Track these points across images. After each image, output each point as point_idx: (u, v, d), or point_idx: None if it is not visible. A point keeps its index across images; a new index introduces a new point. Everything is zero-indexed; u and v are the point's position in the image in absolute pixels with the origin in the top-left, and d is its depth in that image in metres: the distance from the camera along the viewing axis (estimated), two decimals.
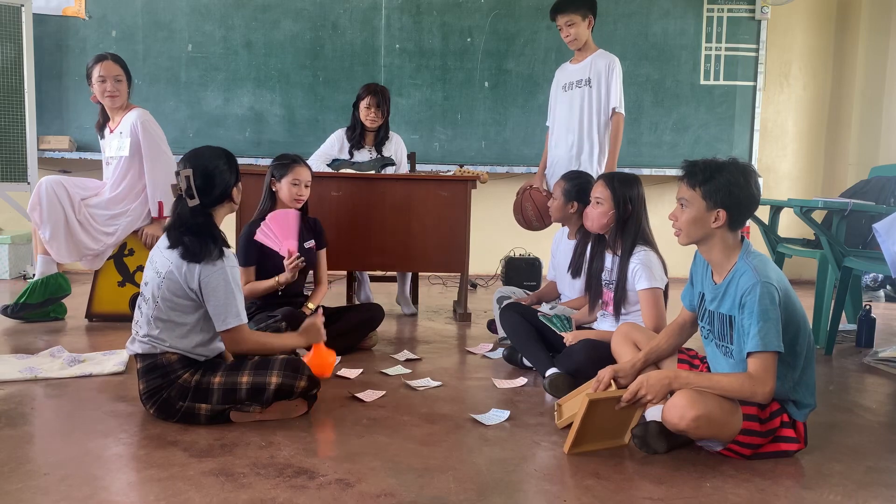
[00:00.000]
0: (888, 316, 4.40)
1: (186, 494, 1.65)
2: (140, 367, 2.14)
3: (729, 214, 1.91)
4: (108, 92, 3.44)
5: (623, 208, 2.62)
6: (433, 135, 5.34)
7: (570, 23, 3.48)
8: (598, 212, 2.66)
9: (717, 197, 1.90)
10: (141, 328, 2.14)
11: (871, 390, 2.77)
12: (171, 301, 2.10)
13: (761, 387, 1.83)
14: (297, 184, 3.01)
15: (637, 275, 2.57)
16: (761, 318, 1.83)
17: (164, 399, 2.10)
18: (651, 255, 2.60)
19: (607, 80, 3.51)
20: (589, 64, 3.56)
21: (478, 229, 3.93)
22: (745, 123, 5.52)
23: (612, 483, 1.78)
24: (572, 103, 3.59)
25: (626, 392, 1.88)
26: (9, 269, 4.86)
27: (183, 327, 2.12)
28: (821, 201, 3.46)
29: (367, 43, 5.22)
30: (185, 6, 5.09)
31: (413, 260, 3.82)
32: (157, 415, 2.13)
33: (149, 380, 2.11)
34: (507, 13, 5.31)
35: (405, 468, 1.83)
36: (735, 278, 1.92)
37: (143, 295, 2.18)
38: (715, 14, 5.45)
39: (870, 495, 1.76)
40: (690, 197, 1.95)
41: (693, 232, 1.96)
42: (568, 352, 2.57)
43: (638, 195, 2.66)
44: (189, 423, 2.09)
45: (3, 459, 1.83)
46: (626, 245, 2.62)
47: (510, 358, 2.93)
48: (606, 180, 2.67)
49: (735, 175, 1.91)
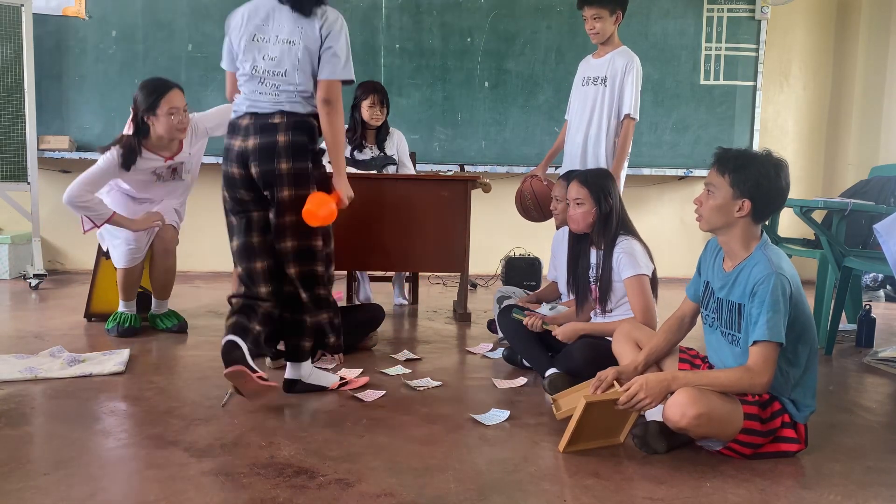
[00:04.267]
0: (888, 316, 4.40)
1: (186, 494, 1.65)
2: (286, 121, 2.34)
3: (754, 205, 1.91)
4: (179, 125, 3.15)
5: (604, 203, 2.65)
6: (433, 135, 5.34)
7: (597, 16, 3.37)
8: (581, 212, 2.67)
9: (744, 187, 1.90)
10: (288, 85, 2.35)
11: (871, 390, 2.77)
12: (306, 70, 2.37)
13: (759, 377, 1.83)
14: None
15: (621, 263, 2.59)
16: (772, 308, 1.83)
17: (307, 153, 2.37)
18: (633, 243, 2.63)
19: (622, 82, 3.40)
20: (608, 61, 3.46)
21: (478, 229, 3.93)
22: (745, 123, 5.51)
23: (612, 483, 1.78)
24: (586, 100, 3.50)
25: (624, 394, 1.88)
26: (9, 269, 4.86)
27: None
28: (821, 201, 3.47)
29: (367, 43, 5.22)
30: (185, 6, 5.09)
31: (413, 260, 3.82)
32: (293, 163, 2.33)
33: (295, 134, 2.32)
34: (507, 13, 5.30)
35: (405, 468, 1.83)
36: (748, 267, 1.92)
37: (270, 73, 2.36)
38: (715, 14, 5.45)
39: (870, 495, 1.76)
40: (718, 183, 1.93)
41: (715, 219, 1.95)
42: (566, 352, 2.57)
43: (615, 188, 2.70)
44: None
45: (3, 459, 1.83)
46: (609, 237, 2.65)
47: (510, 358, 2.93)
48: (580, 180, 2.70)
49: (766, 167, 1.90)
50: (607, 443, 2.01)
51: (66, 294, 4.34)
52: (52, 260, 5.26)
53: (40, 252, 4.62)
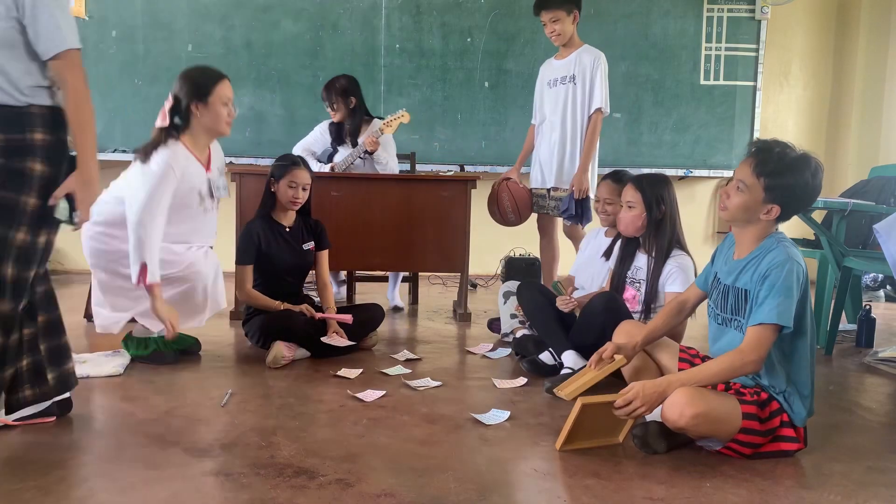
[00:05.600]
0: (888, 316, 4.40)
1: (186, 494, 1.65)
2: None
3: (782, 211, 1.90)
4: (229, 117, 2.74)
5: (656, 210, 2.65)
6: (433, 135, 5.34)
7: (555, 19, 3.48)
8: (630, 215, 2.68)
9: (777, 193, 1.86)
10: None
11: (871, 390, 2.77)
12: None
13: (749, 356, 1.83)
14: (293, 186, 3.01)
15: (672, 277, 2.61)
16: (783, 292, 1.83)
17: None
18: (688, 261, 2.65)
19: (591, 77, 3.49)
20: (574, 60, 3.54)
21: (478, 229, 3.93)
22: (745, 123, 5.52)
23: (612, 483, 1.77)
24: (557, 100, 3.59)
25: (620, 399, 1.88)
26: None
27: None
28: (821, 201, 3.46)
29: (367, 43, 5.22)
30: (185, 6, 5.09)
31: (413, 260, 3.82)
32: None
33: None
34: (507, 13, 5.31)
35: (405, 468, 1.83)
36: (761, 254, 1.92)
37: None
38: (715, 14, 5.45)
39: (870, 495, 1.76)
40: (752, 184, 1.87)
41: (739, 216, 1.94)
42: (579, 326, 2.63)
43: (669, 195, 2.67)
44: None
45: (4, 459, 1.82)
46: (662, 246, 2.65)
47: (521, 345, 2.94)
48: (636, 183, 2.69)
49: (805, 176, 1.84)
50: (606, 442, 2.01)
51: (66, 294, 4.34)
52: (51, 260, 5.24)
53: None
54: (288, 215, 3.11)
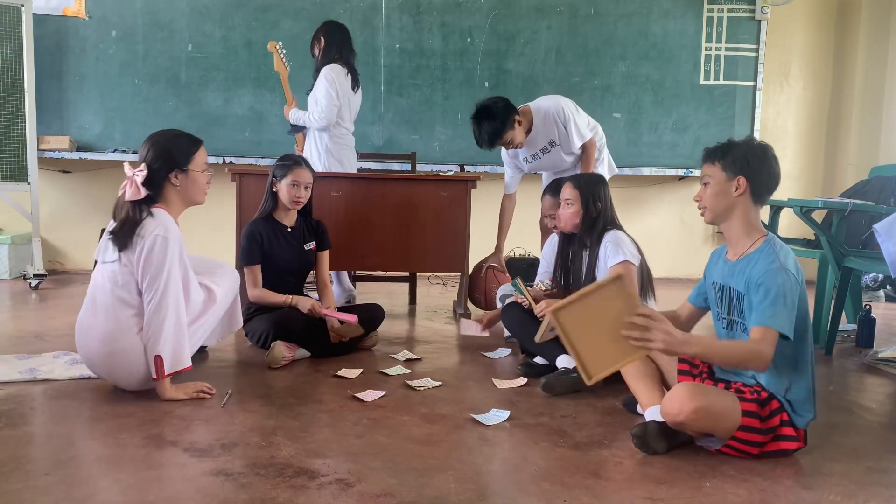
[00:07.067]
0: (888, 316, 4.40)
1: (186, 494, 1.65)
2: None
3: (749, 182, 1.96)
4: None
5: (592, 207, 2.77)
6: (433, 135, 5.34)
7: (510, 139, 3.42)
8: (569, 212, 2.81)
9: (735, 167, 1.97)
10: None
11: (871, 390, 2.77)
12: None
13: (765, 351, 1.82)
14: (296, 185, 3.02)
15: (608, 251, 2.68)
16: (776, 301, 1.84)
17: None
18: (620, 234, 2.74)
19: (565, 129, 3.51)
20: (542, 131, 3.53)
21: (478, 229, 3.93)
22: (745, 123, 5.52)
23: (612, 483, 1.78)
24: (552, 160, 3.64)
25: (646, 311, 1.78)
26: (9, 269, 4.86)
27: None
28: (821, 201, 3.47)
29: (367, 43, 5.22)
30: (185, 6, 5.09)
31: (413, 260, 3.82)
32: None
33: None
34: (507, 13, 5.31)
35: (405, 468, 1.83)
36: (753, 259, 1.94)
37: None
38: (715, 14, 5.45)
39: (870, 495, 1.76)
40: (711, 172, 2.02)
41: (717, 205, 2.00)
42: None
43: (605, 194, 2.82)
44: None
45: (3, 459, 1.82)
46: (596, 235, 2.76)
47: (527, 373, 2.88)
48: (573, 181, 2.83)
49: (751, 147, 2.00)
50: (629, 360, 1.87)
51: (66, 294, 4.34)
52: (51, 260, 5.25)
53: (40, 252, 4.62)
54: (290, 215, 3.11)
